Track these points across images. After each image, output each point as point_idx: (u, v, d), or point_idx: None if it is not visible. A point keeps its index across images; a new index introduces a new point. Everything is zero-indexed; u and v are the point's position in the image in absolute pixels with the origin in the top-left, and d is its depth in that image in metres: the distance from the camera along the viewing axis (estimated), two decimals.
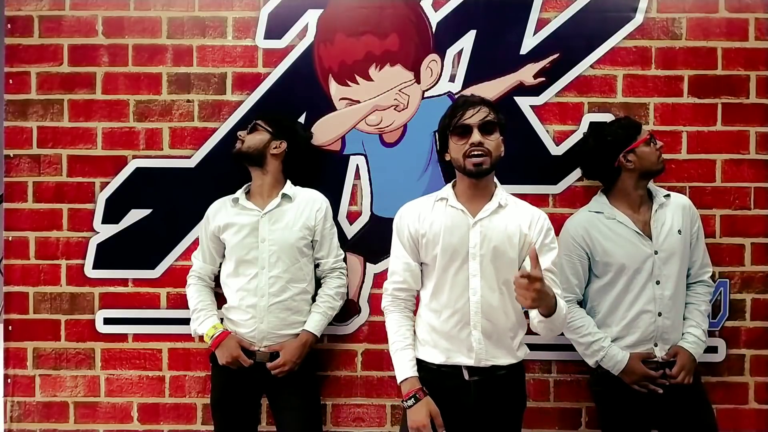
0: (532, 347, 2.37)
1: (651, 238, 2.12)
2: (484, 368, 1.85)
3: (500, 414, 1.87)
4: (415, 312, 1.99)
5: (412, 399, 1.82)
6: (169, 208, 2.43)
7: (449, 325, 1.86)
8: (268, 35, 2.43)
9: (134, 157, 2.44)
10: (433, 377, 1.87)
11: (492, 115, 1.85)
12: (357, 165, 2.42)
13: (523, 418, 1.94)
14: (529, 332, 2.37)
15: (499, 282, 1.85)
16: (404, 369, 1.87)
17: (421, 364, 1.89)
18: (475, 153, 1.81)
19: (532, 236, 1.87)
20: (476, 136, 1.81)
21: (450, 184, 1.96)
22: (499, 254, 1.84)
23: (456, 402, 1.85)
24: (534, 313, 1.78)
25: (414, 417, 1.81)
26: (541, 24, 2.40)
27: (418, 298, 1.99)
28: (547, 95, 2.40)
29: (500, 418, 1.87)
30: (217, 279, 2.31)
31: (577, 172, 2.39)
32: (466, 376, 1.85)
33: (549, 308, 1.71)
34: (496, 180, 1.94)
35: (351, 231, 2.42)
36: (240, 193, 2.27)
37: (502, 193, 1.93)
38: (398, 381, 1.88)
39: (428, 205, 1.94)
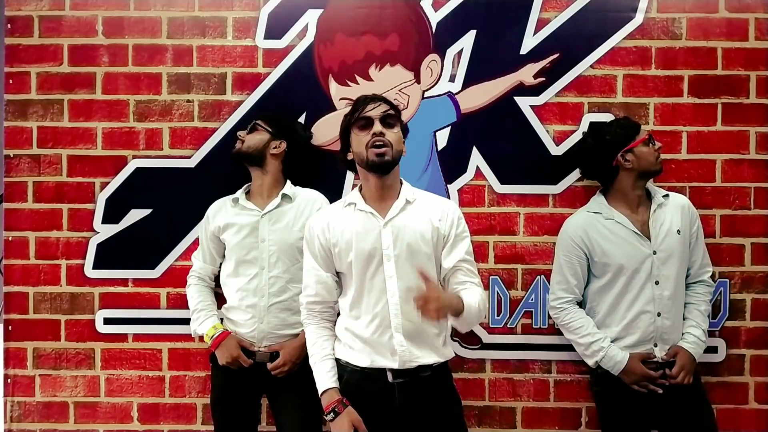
0: (533, 347, 2.40)
1: (650, 239, 2.11)
2: (408, 370, 1.82)
3: (431, 415, 1.83)
4: (335, 322, 1.96)
5: (332, 414, 1.80)
6: (169, 208, 2.43)
7: (370, 331, 1.84)
8: (268, 35, 2.42)
9: (134, 157, 2.44)
10: (358, 379, 1.85)
11: (393, 111, 1.88)
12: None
13: (523, 419, 1.92)
14: (530, 332, 2.40)
15: (418, 280, 1.79)
16: (323, 381, 1.86)
17: (346, 367, 1.87)
18: (377, 143, 1.81)
19: (444, 229, 1.87)
20: (378, 126, 1.83)
21: (357, 188, 1.95)
22: (413, 252, 1.83)
23: (381, 404, 1.83)
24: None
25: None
26: (541, 24, 2.40)
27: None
28: (547, 95, 2.40)
29: (432, 419, 1.83)
30: (217, 279, 2.31)
31: (577, 172, 2.38)
32: (390, 379, 1.83)
33: (456, 311, 1.74)
34: (401, 178, 1.94)
35: None
36: (240, 193, 2.27)
37: (409, 189, 1.93)
38: (319, 394, 1.86)
39: (337, 213, 1.93)
